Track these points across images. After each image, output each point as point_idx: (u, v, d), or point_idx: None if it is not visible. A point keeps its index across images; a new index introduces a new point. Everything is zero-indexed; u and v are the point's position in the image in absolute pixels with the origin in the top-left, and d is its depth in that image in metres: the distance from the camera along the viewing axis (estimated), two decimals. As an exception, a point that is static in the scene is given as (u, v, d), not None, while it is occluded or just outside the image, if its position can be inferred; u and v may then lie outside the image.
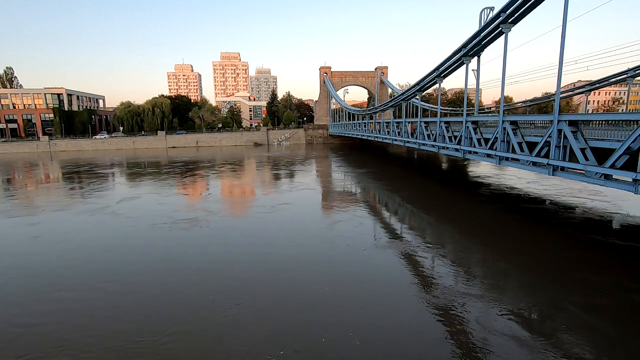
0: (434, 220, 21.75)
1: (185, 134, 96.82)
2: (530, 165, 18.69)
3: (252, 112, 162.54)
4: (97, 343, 9.34)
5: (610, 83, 29.05)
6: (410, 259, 14.81)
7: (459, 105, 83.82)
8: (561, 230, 18.34)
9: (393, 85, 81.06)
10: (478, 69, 23.36)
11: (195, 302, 11.40)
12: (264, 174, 42.61)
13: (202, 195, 30.75)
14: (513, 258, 14.72)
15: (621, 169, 13.65)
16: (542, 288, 12.08)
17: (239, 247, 16.56)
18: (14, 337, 9.77)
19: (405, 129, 37.24)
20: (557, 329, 9.77)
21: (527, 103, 47.50)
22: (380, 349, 8.92)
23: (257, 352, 8.82)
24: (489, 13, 20.19)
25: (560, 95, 16.49)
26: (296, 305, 11.13)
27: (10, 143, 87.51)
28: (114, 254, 15.83)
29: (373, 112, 50.92)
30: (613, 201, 23.14)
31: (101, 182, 37.32)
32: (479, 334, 9.55)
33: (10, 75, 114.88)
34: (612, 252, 15.11)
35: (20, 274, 14.04)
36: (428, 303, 11.05)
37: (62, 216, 23.17)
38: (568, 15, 14.94)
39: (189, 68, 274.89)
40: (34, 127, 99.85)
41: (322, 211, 24.72)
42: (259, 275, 13.28)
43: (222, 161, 56.69)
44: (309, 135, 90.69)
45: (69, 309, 11.22)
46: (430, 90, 66.49)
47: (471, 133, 23.97)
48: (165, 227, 19.49)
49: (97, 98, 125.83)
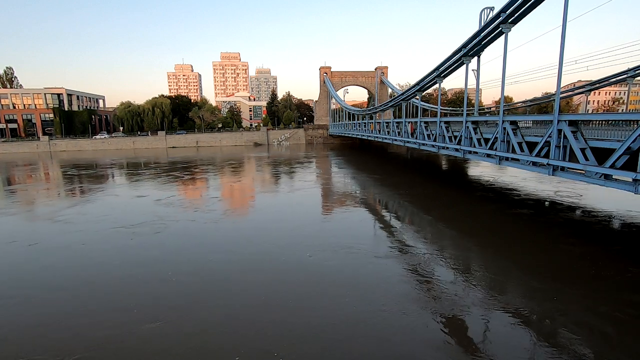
0: (434, 220, 21.76)
1: (185, 134, 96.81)
2: (530, 165, 18.68)
3: (252, 112, 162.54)
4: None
5: (610, 83, 29.04)
6: (409, 257, 14.84)
7: (459, 105, 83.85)
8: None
9: (393, 85, 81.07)
10: (478, 69, 23.35)
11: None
12: (264, 175, 42.61)
13: (202, 196, 30.79)
14: (513, 256, 14.75)
15: (621, 169, 13.64)
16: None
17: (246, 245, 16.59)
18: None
19: (405, 129, 37.22)
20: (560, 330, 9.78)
21: (527, 103, 47.50)
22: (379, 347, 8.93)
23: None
24: (489, 13, 20.17)
25: (560, 95, 16.49)
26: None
27: (10, 143, 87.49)
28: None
29: (373, 112, 50.91)
30: (616, 201, 23.17)
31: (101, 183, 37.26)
32: (479, 333, 9.55)
33: (10, 75, 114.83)
34: (610, 252, 15.13)
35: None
36: (429, 302, 11.07)
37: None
38: (568, 15, 14.94)
39: (189, 68, 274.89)
40: (34, 127, 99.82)
41: (323, 211, 24.74)
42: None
43: (222, 161, 56.71)
44: (309, 135, 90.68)
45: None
46: (430, 90, 66.53)
47: (471, 133, 23.96)
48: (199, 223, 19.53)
49: (97, 98, 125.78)
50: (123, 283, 12.85)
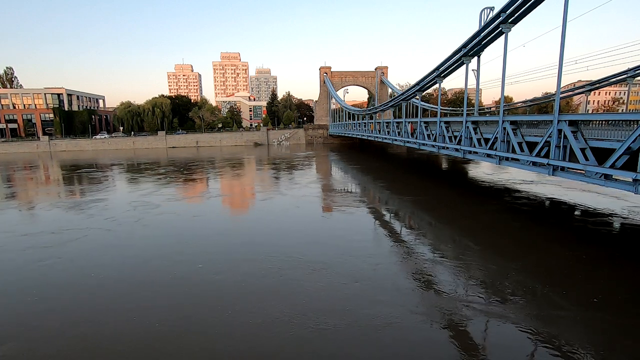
0: (434, 220, 21.76)
1: (185, 134, 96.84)
2: (530, 165, 18.69)
3: (252, 112, 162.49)
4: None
5: (610, 83, 29.02)
6: (412, 254, 14.83)
7: (459, 105, 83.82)
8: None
9: (393, 85, 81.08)
10: (478, 69, 23.35)
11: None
12: (263, 175, 42.59)
13: (201, 195, 30.82)
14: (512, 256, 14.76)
15: (621, 169, 13.65)
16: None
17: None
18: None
19: (405, 129, 37.23)
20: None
21: (527, 103, 47.49)
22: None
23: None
24: (489, 13, 20.19)
25: (560, 95, 16.50)
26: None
27: (10, 143, 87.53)
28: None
29: (373, 112, 50.93)
30: (614, 198, 23.17)
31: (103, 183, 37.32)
32: (479, 333, 9.56)
33: (10, 75, 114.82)
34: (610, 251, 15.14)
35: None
36: (428, 301, 11.08)
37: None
38: (568, 15, 14.95)
39: (189, 68, 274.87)
40: (34, 127, 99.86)
41: (325, 211, 24.74)
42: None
43: (222, 161, 56.68)
44: (309, 135, 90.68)
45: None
46: (430, 90, 66.49)
47: (471, 133, 23.97)
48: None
49: (97, 98, 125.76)
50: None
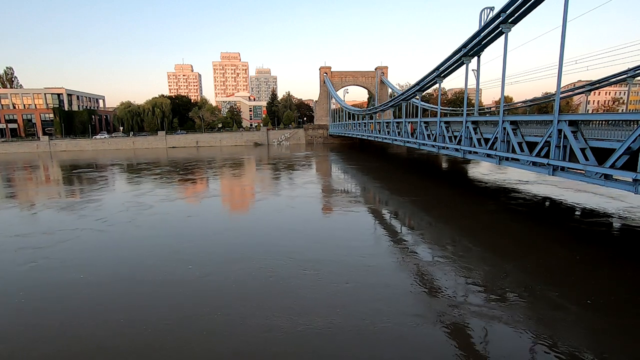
0: (434, 220, 21.75)
1: (185, 134, 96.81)
2: (530, 165, 18.68)
3: (252, 112, 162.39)
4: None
5: (610, 83, 29.02)
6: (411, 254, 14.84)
7: (459, 105, 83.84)
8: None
9: (393, 85, 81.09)
10: (478, 69, 23.35)
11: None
12: (263, 175, 42.60)
13: (200, 195, 30.82)
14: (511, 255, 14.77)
15: (621, 169, 13.64)
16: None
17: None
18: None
19: (405, 129, 37.23)
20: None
21: (527, 103, 47.52)
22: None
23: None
24: (489, 13, 20.18)
25: (560, 95, 16.49)
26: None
27: (10, 143, 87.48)
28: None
29: (373, 112, 50.93)
30: (613, 198, 23.17)
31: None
32: (479, 333, 9.56)
33: (10, 75, 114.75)
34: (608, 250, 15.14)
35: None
36: (428, 301, 11.08)
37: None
38: (568, 15, 14.95)
39: (189, 68, 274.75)
40: (34, 127, 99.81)
41: (324, 211, 24.74)
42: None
43: (222, 161, 56.68)
44: (309, 135, 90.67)
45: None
46: (430, 90, 66.51)
47: (471, 133, 23.96)
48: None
49: (97, 98, 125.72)
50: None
